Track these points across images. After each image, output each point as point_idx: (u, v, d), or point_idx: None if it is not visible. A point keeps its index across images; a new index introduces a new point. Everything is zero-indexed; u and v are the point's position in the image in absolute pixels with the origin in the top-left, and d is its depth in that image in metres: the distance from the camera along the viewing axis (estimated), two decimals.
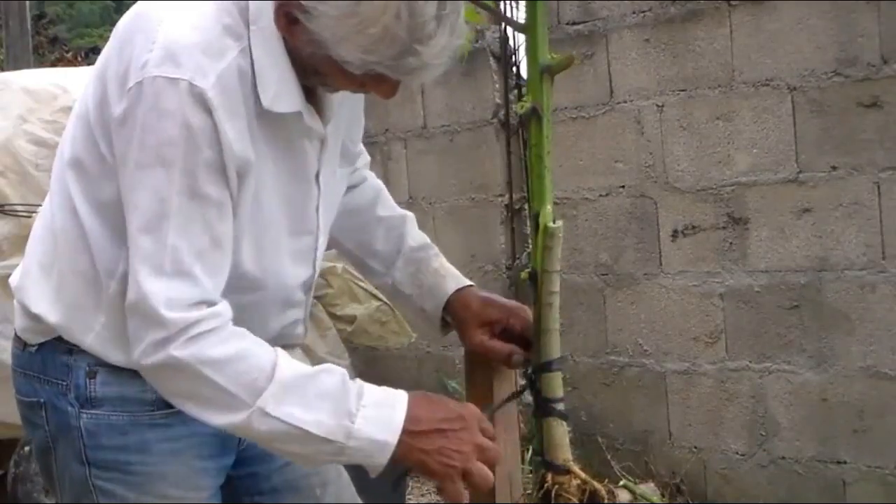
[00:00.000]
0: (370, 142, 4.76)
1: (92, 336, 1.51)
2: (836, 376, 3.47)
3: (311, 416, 1.38)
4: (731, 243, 3.69)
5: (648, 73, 3.86)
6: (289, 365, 1.40)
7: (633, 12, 3.89)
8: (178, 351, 1.36)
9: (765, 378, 3.63)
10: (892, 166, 3.32)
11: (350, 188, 1.76)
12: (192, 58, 1.35)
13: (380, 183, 1.83)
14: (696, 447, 3.81)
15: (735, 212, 3.66)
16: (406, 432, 1.40)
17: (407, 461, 1.43)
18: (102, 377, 1.52)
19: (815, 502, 3.51)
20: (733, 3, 3.63)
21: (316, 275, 1.62)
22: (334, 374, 1.42)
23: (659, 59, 3.83)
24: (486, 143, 4.43)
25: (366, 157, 1.83)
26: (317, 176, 1.54)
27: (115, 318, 1.47)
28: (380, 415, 1.41)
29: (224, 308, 1.41)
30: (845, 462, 3.46)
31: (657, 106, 3.84)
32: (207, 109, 1.35)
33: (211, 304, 1.39)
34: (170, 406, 1.48)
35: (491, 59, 4.40)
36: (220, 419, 1.40)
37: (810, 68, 3.46)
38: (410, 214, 1.81)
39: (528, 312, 1.67)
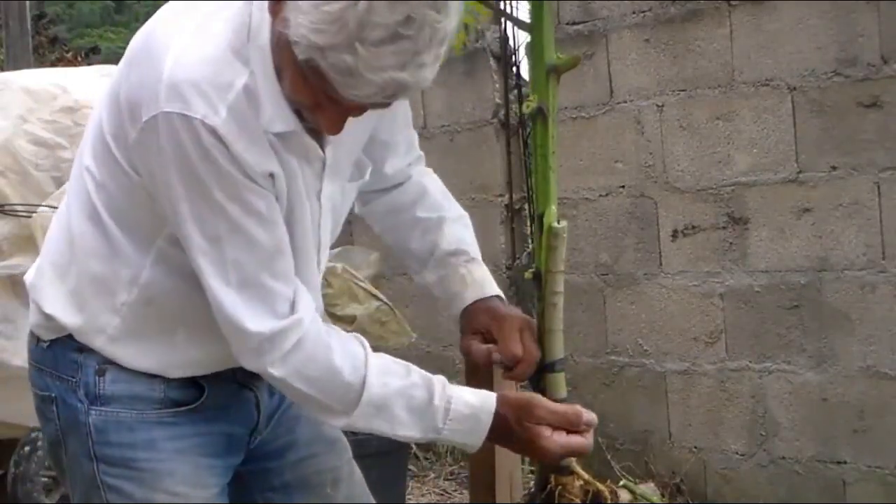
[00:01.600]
0: None
1: (104, 338, 1.55)
2: (836, 376, 3.47)
3: (399, 431, 1.52)
4: (731, 243, 3.69)
5: (648, 73, 3.86)
6: (377, 378, 1.49)
7: (633, 12, 3.89)
8: (273, 369, 1.47)
9: (765, 378, 3.63)
10: (892, 166, 3.33)
11: (393, 186, 1.77)
12: (202, 95, 1.36)
13: (429, 182, 1.81)
14: (696, 447, 3.81)
15: (735, 212, 3.66)
16: (491, 439, 1.55)
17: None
18: (112, 375, 1.55)
19: (815, 502, 3.51)
20: (733, 3, 3.63)
21: (318, 297, 1.60)
22: (422, 387, 1.51)
23: (659, 59, 3.83)
24: (486, 143, 4.43)
25: (413, 154, 1.80)
26: (318, 194, 1.54)
27: (131, 322, 1.53)
28: (464, 428, 1.53)
29: (304, 310, 1.47)
30: (845, 462, 3.46)
31: (657, 106, 3.84)
32: (223, 142, 1.37)
33: (291, 308, 1.46)
34: (177, 405, 1.55)
35: (491, 59, 4.40)
36: (324, 418, 1.55)
37: (810, 68, 3.46)
38: (454, 216, 1.79)
39: (516, 323, 1.68)
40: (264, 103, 1.40)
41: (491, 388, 2.30)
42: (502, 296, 1.75)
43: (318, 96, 1.36)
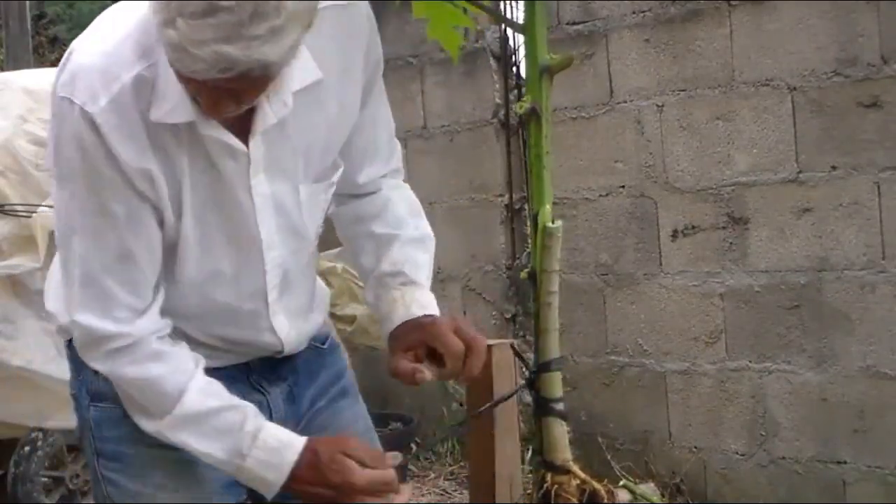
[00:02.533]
0: None
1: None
2: (836, 376, 3.47)
3: (204, 448, 1.51)
4: (731, 243, 3.69)
5: (648, 73, 3.86)
6: (197, 395, 1.49)
7: (633, 12, 3.89)
8: (95, 363, 1.52)
9: (765, 378, 3.63)
10: (892, 166, 3.33)
11: (363, 194, 1.73)
12: (88, 82, 1.39)
13: (396, 197, 1.75)
14: (696, 447, 3.81)
15: (735, 212, 3.66)
16: (297, 479, 1.51)
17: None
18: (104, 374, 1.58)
19: (814, 502, 3.51)
20: (733, 3, 3.63)
21: (275, 286, 1.59)
22: (237, 412, 1.51)
23: (659, 59, 3.83)
24: (486, 143, 4.43)
25: (390, 166, 1.75)
26: (249, 190, 1.51)
27: None
28: (268, 459, 1.51)
29: (146, 325, 1.49)
30: (845, 462, 3.46)
31: (657, 106, 3.84)
32: (99, 133, 1.39)
33: (131, 318, 1.48)
34: None
35: (491, 59, 4.40)
36: (136, 417, 1.54)
37: (810, 68, 3.46)
38: (411, 236, 1.72)
39: (448, 326, 1.60)
40: (165, 96, 1.39)
41: (490, 388, 2.30)
42: (429, 316, 1.65)
43: (185, 80, 1.35)
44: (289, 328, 1.65)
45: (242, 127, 1.45)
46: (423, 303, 1.64)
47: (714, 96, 3.69)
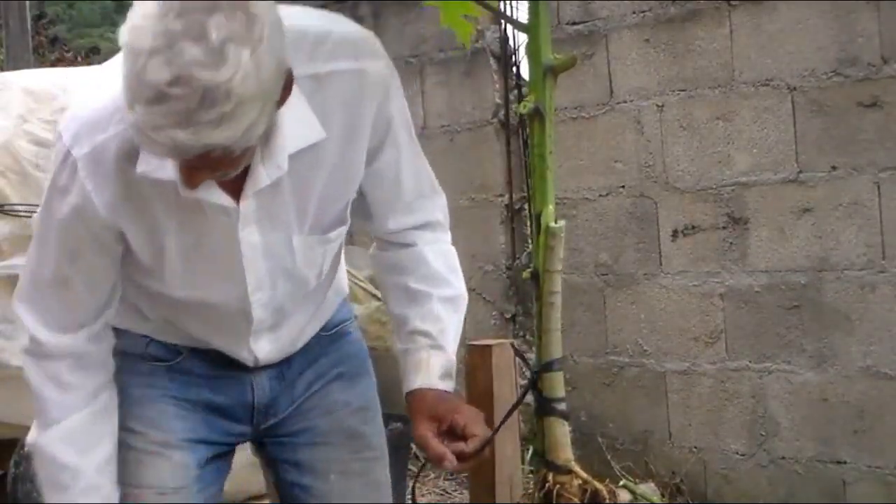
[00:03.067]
0: None
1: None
2: (836, 376, 3.47)
3: (38, 483, 1.69)
4: (731, 243, 3.69)
5: (648, 73, 3.86)
6: (54, 441, 1.66)
7: (633, 12, 3.89)
8: (22, 348, 1.68)
9: (765, 378, 3.63)
10: (892, 166, 3.33)
11: (400, 245, 1.78)
12: (77, 128, 1.51)
13: (432, 254, 1.79)
14: (696, 447, 3.81)
15: (735, 212, 3.66)
16: None
17: None
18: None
19: (814, 502, 3.51)
20: (733, 3, 3.63)
21: (262, 320, 1.68)
22: (71, 474, 1.66)
23: (659, 59, 3.83)
24: (486, 143, 4.43)
25: (421, 217, 1.79)
26: (237, 240, 1.57)
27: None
28: None
29: (67, 343, 1.63)
30: (845, 462, 3.46)
31: (657, 106, 3.84)
32: (75, 175, 1.50)
33: (53, 328, 1.62)
34: (156, 360, 1.74)
35: (491, 59, 4.40)
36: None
37: (810, 68, 3.46)
38: (446, 295, 1.77)
39: (475, 412, 1.70)
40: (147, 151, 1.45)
41: (491, 388, 2.30)
42: (451, 392, 1.75)
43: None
44: (268, 350, 1.74)
45: (235, 184, 1.50)
46: (446, 371, 1.73)
47: (714, 96, 3.69)
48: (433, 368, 1.72)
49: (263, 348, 1.72)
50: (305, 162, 1.52)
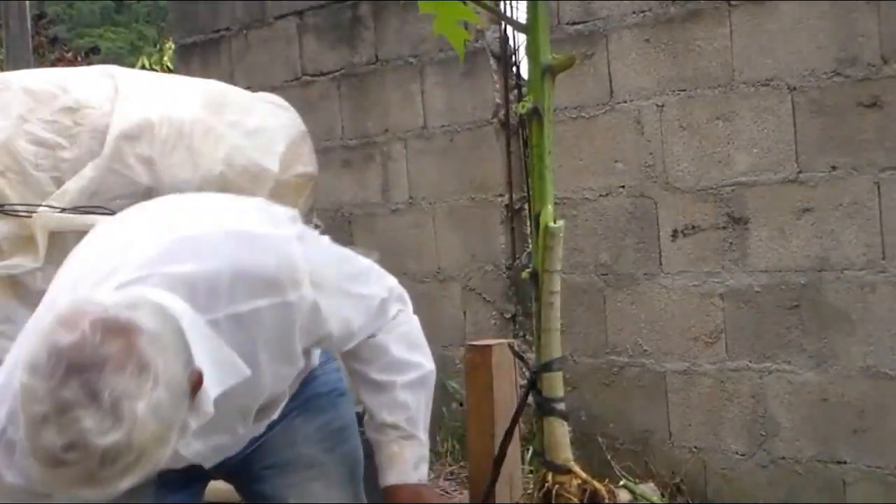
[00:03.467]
0: (370, 142, 4.76)
1: None
2: (836, 376, 3.47)
3: None
4: (731, 243, 3.69)
5: (648, 73, 3.85)
6: None
7: (633, 12, 3.88)
8: None
9: (765, 378, 3.63)
10: (892, 166, 3.33)
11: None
12: None
13: (392, 343, 1.78)
14: (696, 447, 3.81)
15: (735, 212, 3.66)
16: None
17: None
18: None
19: (814, 502, 3.51)
20: (733, 3, 3.63)
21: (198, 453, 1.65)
22: None
23: (659, 59, 3.83)
24: (486, 143, 4.42)
25: (377, 325, 1.77)
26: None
27: None
28: None
29: None
30: (845, 462, 3.46)
31: (657, 106, 3.84)
32: None
33: None
34: None
35: (491, 59, 4.40)
36: None
37: (810, 68, 3.46)
38: (408, 380, 1.78)
39: None
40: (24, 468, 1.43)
41: (490, 389, 2.30)
42: (426, 483, 1.80)
43: None
44: (199, 452, 1.66)
45: None
46: (419, 459, 1.79)
47: (714, 96, 3.69)
48: (407, 460, 1.78)
49: (193, 450, 1.63)
50: (237, 390, 1.50)
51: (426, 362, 1.80)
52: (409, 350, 1.79)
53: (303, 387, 1.85)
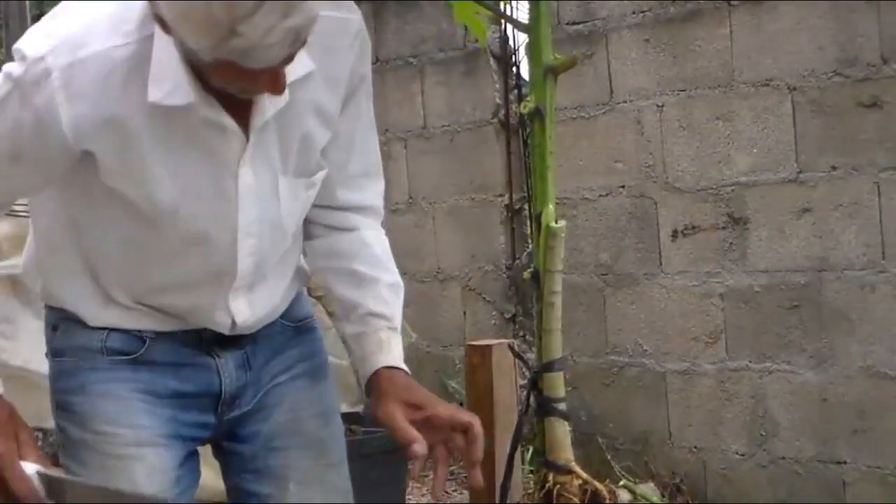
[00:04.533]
0: None
1: (39, 286, 1.72)
2: (836, 376, 3.47)
3: None
4: (731, 243, 3.69)
5: (648, 73, 3.85)
6: None
7: (633, 12, 3.89)
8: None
9: (765, 378, 3.63)
10: (892, 166, 3.33)
11: (339, 229, 1.75)
12: (57, 44, 1.42)
13: (374, 240, 1.77)
14: (696, 447, 3.81)
15: (735, 212, 3.66)
16: None
17: None
18: (61, 330, 1.69)
19: (814, 502, 3.51)
20: (733, 3, 3.63)
21: (245, 273, 1.63)
22: None
23: (659, 59, 3.83)
24: (486, 143, 4.43)
25: (370, 198, 1.77)
26: (235, 177, 1.54)
27: (50, 276, 1.70)
28: None
29: None
30: (845, 462, 3.46)
31: (657, 106, 3.84)
32: (49, 84, 1.42)
33: None
34: (117, 353, 1.64)
35: (491, 59, 4.40)
36: None
37: (810, 68, 3.46)
38: (390, 281, 1.76)
39: (455, 407, 1.66)
40: (162, 79, 1.43)
41: (491, 389, 2.30)
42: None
43: (245, 76, 1.38)
44: (247, 314, 1.67)
45: (237, 117, 1.49)
46: (402, 355, 1.70)
47: (714, 96, 3.69)
48: (395, 350, 1.69)
49: (242, 311, 1.65)
50: (293, 99, 1.51)
51: (399, 277, 1.79)
52: (388, 257, 1.79)
53: (303, 333, 1.81)
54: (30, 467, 1.49)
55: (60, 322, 1.68)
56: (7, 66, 1.45)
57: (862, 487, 3.43)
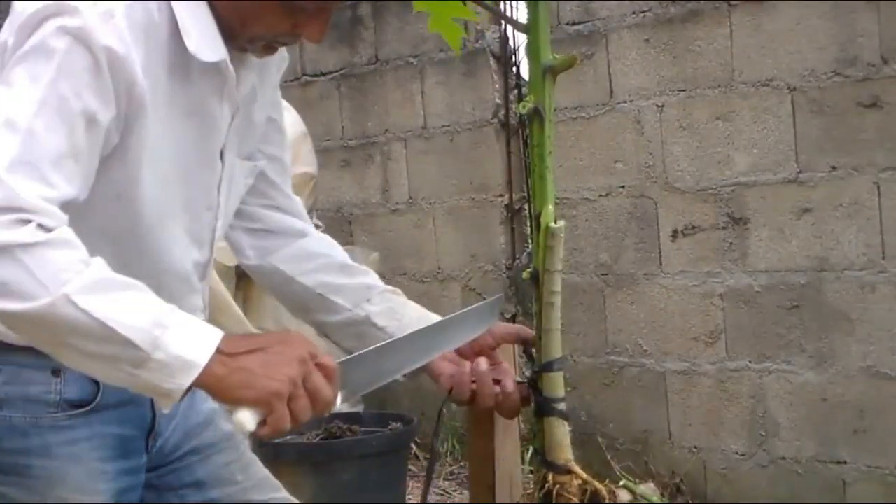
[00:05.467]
0: (370, 142, 4.77)
1: None
2: (836, 376, 3.47)
3: (120, 316, 1.23)
4: (731, 243, 3.69)
5: (648, 73, 3.85)
6: (106, 268, 1.27)
7: (633, 12, 3.89)
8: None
9: (765, 378, 3.63)
10: (892, 166, 3.32)
11: (296, 236, 1.76)
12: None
13: (328, 240, 1.83)
14: (696, 447, 3.81)
15: (735, 212, 3.66)
16: (220, 352, 1.28)
17: (222, 387, 1.29)
18: (5, 377, 1.45)
19: (814, 502, 3.51)
20: (733, 3, 3.63)
21: (212, 262, 1.61)
22: (147, 290, 1.30)
23: (659, 59, 3.83)
24: (486, 143, 4.43)
25: (299, 207, 1.80)
26: (222, 152, 1.54)
27: None
28: (192, 331, 1.28)
29: (64, 221, 1.28)
30: (845, 462, 3.46)
31: (657, 106, 3.84)
32: (115, 23, 1.32)
33: (53, 204, 1.26)
34: (73, 406, 1.47)
35: (491, 59, 4.40)
36: (15, 306, 1.22)
37: (810, 68, 3.46)
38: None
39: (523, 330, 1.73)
40: (191, 34, 1.40)
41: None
42: None
43: (295, 17, 1.42)
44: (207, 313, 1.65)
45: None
46: None
47: (714, 96, 3.69)
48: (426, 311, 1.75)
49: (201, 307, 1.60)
50: (261, 79, 1.58)
51: None
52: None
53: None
54: None
55: (3, 367, 1.45)
56: (53, 23, 1.29)
57: (862, 487, 3.43)
